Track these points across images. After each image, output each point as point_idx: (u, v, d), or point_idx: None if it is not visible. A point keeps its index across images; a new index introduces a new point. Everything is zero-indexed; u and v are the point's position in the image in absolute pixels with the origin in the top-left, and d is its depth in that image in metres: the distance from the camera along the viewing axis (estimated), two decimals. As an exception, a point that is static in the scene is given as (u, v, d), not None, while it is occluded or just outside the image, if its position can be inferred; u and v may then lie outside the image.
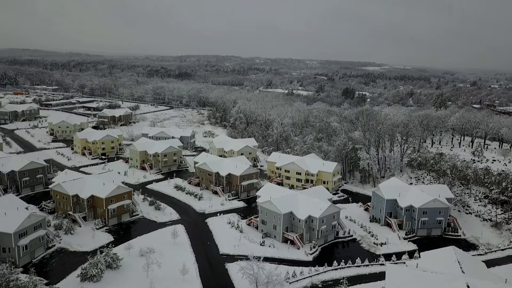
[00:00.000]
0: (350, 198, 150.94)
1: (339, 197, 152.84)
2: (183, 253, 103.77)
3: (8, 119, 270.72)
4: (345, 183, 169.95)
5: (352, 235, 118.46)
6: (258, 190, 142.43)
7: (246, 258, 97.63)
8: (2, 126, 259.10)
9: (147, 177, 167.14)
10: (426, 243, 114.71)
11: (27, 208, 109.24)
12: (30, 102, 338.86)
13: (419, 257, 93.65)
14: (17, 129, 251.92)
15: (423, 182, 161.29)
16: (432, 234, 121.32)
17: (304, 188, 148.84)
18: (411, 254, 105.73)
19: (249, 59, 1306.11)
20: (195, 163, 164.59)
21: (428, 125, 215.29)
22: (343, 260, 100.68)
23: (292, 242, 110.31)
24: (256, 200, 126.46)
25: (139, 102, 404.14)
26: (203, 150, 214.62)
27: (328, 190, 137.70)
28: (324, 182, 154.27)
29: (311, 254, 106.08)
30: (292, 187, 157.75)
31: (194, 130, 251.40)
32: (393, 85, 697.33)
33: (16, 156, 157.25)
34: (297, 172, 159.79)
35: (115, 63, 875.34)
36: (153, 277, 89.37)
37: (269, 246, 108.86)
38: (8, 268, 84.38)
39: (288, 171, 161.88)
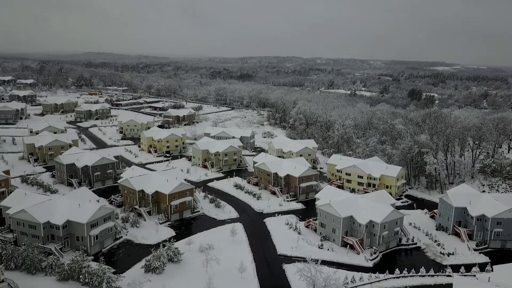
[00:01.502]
0: (414, 204, 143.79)
1: (402, 202, 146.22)
2: (241, 251, 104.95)
3: (83, 118, 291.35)
4: (409, 188, 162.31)
5: (416, 243, 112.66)
6: (317, 192, 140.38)
7: (303, 260, 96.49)
8: (78, 124, 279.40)
9: (208, 175, 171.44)
10: (499, 256, 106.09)
11: (98, 201, 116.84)
12: (103, 102, 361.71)
13: (492, 270, 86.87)
14: (91, 127, 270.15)
15: (498, 191, 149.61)
16: (507, 246, 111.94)
17: (366, 192, 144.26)
18: (482, 267, 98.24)
19: (310, 59, 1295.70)
20: (254, 163, 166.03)
21: (504, 129, 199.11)
22: (405, 269, 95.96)
23: (352, 247, 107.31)
24: (315, 203, 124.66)
25: (202, 103, 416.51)
26: (262, 150, 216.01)
27: (391, 195, 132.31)
28: (387, 187, 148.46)
29: (371, 260, 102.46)
30: (353, 190, 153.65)
31: (254, 130, 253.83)
32: (464, 86, 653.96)
33: (90, 152, 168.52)
34: (358, 176, 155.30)
35: (180, 65, 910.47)
36: (212, 273, 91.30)
37: (328, 250, 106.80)
38: (81, 255, 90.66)
39: (349, 174, 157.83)
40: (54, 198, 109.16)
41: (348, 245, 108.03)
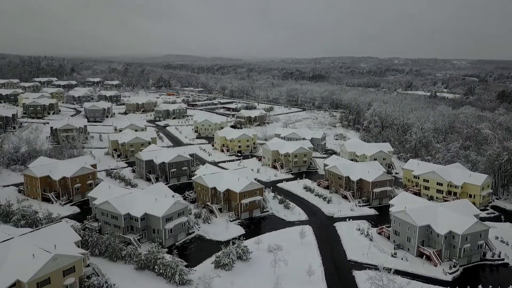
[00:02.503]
0: (502, 217, 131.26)
1: (488, 214, 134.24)
2: (310, 254, 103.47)
3: (162, 117, 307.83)
4: (496, 198, 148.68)
5: (503, 259, 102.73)
6: (391, 198, 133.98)
7: (375, 267, 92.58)
8: (156, 122, 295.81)
9: (278, 176, 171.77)
10: None
11: (173, 196, 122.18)
12: (180, 102, 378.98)
13: None
14: (168, 125, 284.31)
15: None
16: None
17: (446, 201, 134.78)
18: None
19: (387, 59, 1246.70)
20: (325, 165, 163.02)
21: None
22: (490, 286, 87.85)
23: (428, 258, 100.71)
24: (389, 209, 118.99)
25: (273, 104, 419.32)
26: (334, 153, 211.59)
27: (474, 205, 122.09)
28: (470, 196, 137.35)
29: (450, 273, 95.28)
30: (431, 198, 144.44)
31: (325, 132, 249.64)
32: None
33: (167, 149, 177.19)
34: (437, 183, 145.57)
35: (253, 67, 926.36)
36: (279, 274, 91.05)
37: (401, 259, 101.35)
38: (156, 247, 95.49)
39: (427, 181, 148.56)
40: (134, 192, 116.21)
41: (424, 256, 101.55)
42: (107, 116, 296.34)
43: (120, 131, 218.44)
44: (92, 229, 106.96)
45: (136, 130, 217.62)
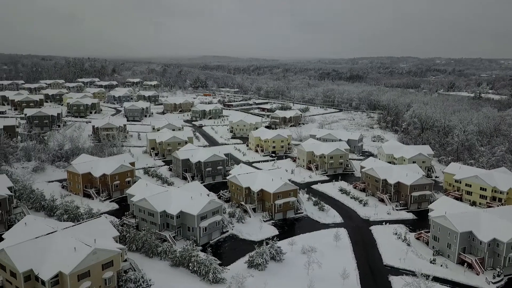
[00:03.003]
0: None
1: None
2: (345, 257, 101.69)
3: (198, 117, 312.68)
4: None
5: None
6: (431, 202, 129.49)
7: (412, 274, 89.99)
8: (193, 122, 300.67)
9: (313, 177, 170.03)
10: None
11: (208, 195, 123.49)
12: (216, 103, 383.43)
13: None
14: (204, 125, 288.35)
15: None
16: None
17: (489, 207, 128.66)
18: None
19: (428, 59, 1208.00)
20: (362, 167, 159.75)
21: None
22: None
23: (470, 266, 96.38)
24: (428, 214, 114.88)
25: (309, 104, 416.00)
26: (371, 155, 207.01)
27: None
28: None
29: (493, 283, 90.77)
30: (473, 204, 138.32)
31: (363, 133, 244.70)
32: None
33: (203, 149, 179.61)
34: (481, 188, 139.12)
35: (289, 67, 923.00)
36: (313, 276, 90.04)
37: (441, 266, 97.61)
38: (191, 245, 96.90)
39: (470, 186, 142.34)
40: (170, 190, 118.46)
41: (466, 263, 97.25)
42: (145, 116, 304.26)
43: (158, 130, 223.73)
44: (130, 225, 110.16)
45: (173, 130, 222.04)
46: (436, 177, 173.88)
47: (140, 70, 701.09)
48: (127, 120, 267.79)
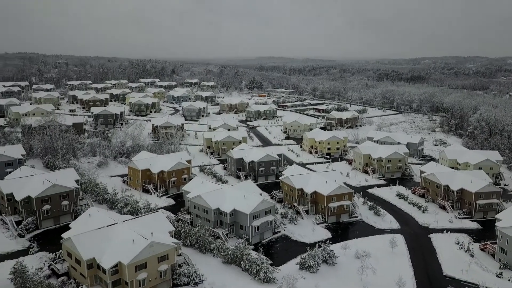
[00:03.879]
0: None
1: None
2: (401, 264, 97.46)
3: (253, 117, 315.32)
4: None
5: None
6: (498, 212, 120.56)
7: (475, 286, 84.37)
8: (248, 122, 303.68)
9: (369, 181, 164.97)
10: None
11: (261, 194, 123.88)
12: (270, 103, 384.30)
13: None
14: (259, 126, 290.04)
15: None
16: None
17: None
18: None
19: (498, 59, 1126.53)
20: (422, 172, 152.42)
21: None
22: None
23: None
24: (495, 224, 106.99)
25: (366, 106, 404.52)
26: (432, 159, 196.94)
27: None
28: None
29: None
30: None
31: (423, 137, 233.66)
32: None
33: (256, 148, 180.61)
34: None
35: (346, 67, 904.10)
36: (366, 282, 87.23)
37: (509, 280, 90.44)
38: (243, 243, 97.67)
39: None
40: (224, 188, 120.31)
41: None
42: (202, 116, 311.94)
43: (214, 129, 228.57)
44: (185, 221, 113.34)
45: (228, 129, 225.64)
46: (505, 185, 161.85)
47: (198, 71, 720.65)
48: (185, 120, 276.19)
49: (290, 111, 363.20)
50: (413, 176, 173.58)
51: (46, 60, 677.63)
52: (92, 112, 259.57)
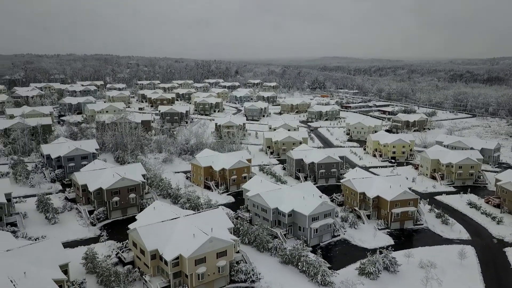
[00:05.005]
0: None
1: None
2: (470, 278, 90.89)
3: (314, 118, 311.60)
4: None
5: None
6: None
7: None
8: (309, 123, 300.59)
9: (437, 188, 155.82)
10: None
11: (320, 197, 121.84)
12: (333, 104, 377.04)
13: None
14: (320, 127, 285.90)
15: None
16: None
17: None
18: None
19: None
20: (497, 180, 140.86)
21: None
22: None
23: None
24: None
25: (436, 108, 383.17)
26: (510, 167, 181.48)
27: None
28: None
29: None
30: None
31: (500, 143, 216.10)
32: None
33: (317, 150, 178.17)
34: None
35: (415, 68, 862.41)
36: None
37: None
38: (301, 244, 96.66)
39: None
40: (283, 188, 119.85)
41: None
42: (263, 116, 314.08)
43: (274, 130, 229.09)
44: (244, 219, 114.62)
45: (289, 130, 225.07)
46: None
47: (261, 71, 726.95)
48: (246, 119, 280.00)
49: (354, 112, 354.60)
50: (487, 184, 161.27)
51: (119, 61, 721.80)
52: (160, 111, 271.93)
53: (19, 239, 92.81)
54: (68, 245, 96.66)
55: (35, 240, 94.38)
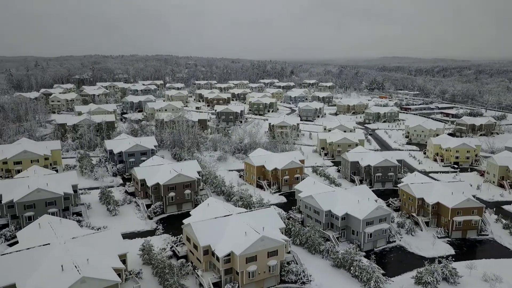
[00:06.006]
0: None
1: None
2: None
3: (372, 120, 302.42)
4: None
5: None
6: None
7: None
8: (366, 125, 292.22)
9: (505, 196, 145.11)
10: None
11: (376, 201, 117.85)
12: (392, 106, 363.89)
13: None
14: (378, 129, 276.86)
15: None
16: None
17: None
18: None
19: None
20: None
21: None
22: None
23: None
24: None
25: (507, 112, 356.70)
26: None
27: None
28: None
29: None
30: None
31: None
32: None
33: (374, 152, 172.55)
34: None
35: (483, 68, 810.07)
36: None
37: None
38: (354, 248, 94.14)
39: None
40: (337, 191, 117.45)
41: None
42: (318, 116, 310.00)
43: (329, 130, 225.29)
44: (295, 220, 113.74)
45: (344, 131, 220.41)
46: None
47: (317, 71, 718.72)
48: (300, 120, 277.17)
49: (414, 114, 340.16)
50: None
51: (178, 61, 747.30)
52: (215, 110, 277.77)
53: (83, 228, 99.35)
54: (127, 236, 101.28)
55: (98, 230, 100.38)
